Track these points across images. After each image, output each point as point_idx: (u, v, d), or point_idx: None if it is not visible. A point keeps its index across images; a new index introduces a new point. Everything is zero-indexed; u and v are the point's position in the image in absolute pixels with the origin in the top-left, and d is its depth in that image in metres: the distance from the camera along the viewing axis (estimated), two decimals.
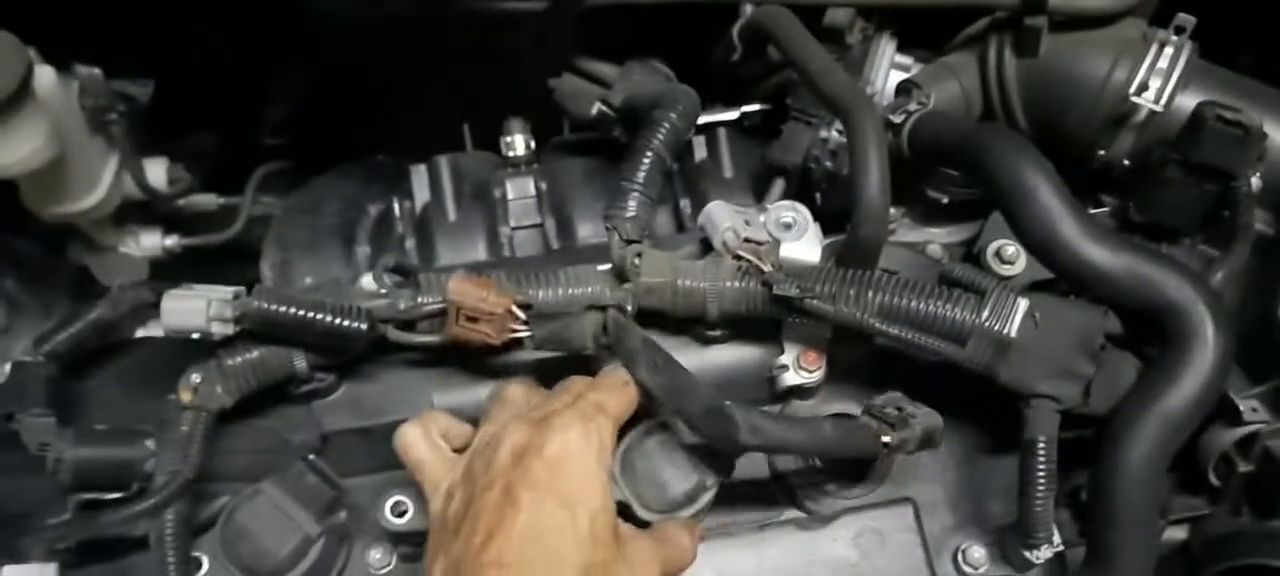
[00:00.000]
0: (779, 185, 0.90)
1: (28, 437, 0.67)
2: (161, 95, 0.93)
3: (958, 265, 0.71)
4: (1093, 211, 0.78)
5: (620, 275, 0.70)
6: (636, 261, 0.70)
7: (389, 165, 1.05)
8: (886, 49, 0.90)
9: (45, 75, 0.80)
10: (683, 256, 0.72)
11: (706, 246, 0.73)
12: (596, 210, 0.95)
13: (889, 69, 0.91)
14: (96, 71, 0.86)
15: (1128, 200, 0.77)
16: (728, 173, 0.96)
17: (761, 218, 0.73)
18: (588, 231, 0.96)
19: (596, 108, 0.93)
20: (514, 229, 0.97)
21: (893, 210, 0.84)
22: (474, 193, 0.98)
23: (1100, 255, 0.64)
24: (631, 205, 0.72)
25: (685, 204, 0.97)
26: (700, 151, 0.98)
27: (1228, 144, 0.68)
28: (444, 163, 0.98)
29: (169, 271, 1.04)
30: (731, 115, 0.97)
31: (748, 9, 0.84)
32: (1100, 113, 0.74)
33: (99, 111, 0.86)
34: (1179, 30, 0.73)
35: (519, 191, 0.98)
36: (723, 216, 0.72)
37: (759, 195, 0.94)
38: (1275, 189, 0.72)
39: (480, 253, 0.94)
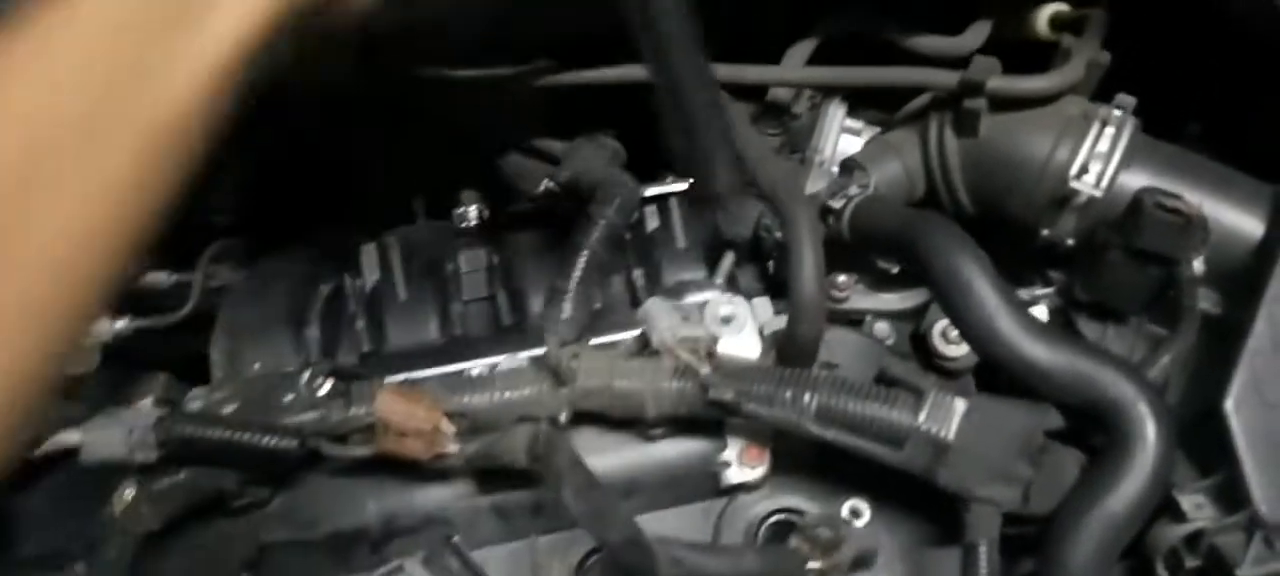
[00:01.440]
0: (729, 258, 0.89)
1: None
2: None
3: (897, 361, 0.70)
4: (1039, 291, 0.76)
5: (557, 378, 0.70)
6: (573, 364, 0.69)
7: (342, 238, 1.03)
8: (836, 114, 0.90)
9: None
10: (621, 355, 0.71)
11: (644, 343, 0.72)
12: (546, 285, 0.94)
13: (839, 135, 0.90)
14: None
15: (1073, 278, 0.76)
16: (681, 243, 0.94)
17: (701, 307, 0.72)
18: (540, 304, 0.95)
19: (544, 185, 0.92)
20: (466, 303, 0.96)
21: (845, 277, 0.83)
22: (425, 268, 0.97)
23: (1039, 352, 0.63)
24: (567, 307, 0.71)
25: (638, 275, 0.96)
26: (652, 221, 0.97)
27: (1169, 231, 0.67)
28: (394, 241, 0.97)
29: (122, 354, 1.02)
30: (682, 184, 0.96)
31: None
32: (1042, 194, 0.73)
33: None
34: (1121, 108, 0.72)
35: (471, 264, 0.97)
36: (660, 314, 0.71)
37: (712, 264, 0.93)
38: (1220, 267, 0.71)
39: (432, 331, 0.93)
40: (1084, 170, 0.71)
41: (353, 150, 1.06)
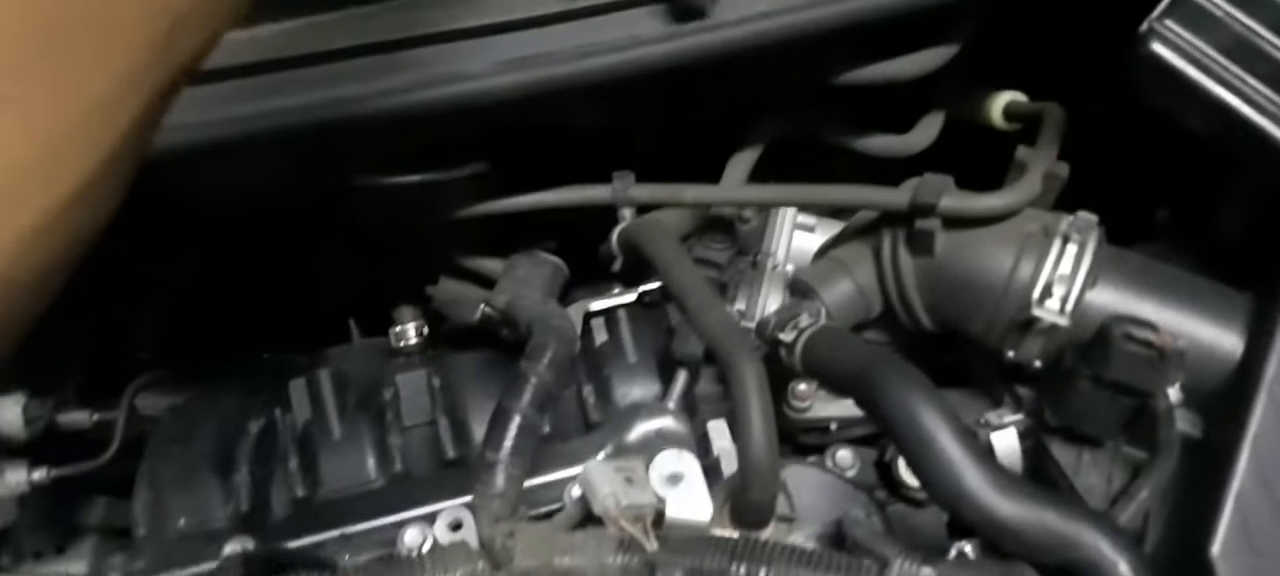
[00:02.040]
0: (682, 378, 0.84)
1: None
2: None
3: (861, 519, 0.65)
4: (1008, 416, 0.72)
5: (492, 559, 0.64)
6: (509, 543, 0.63)
7: (273, 366, 0.97)
8: (786, 214, 0.85)
9: None
10: (562, 526, 0.66)
11: (586, 513, 0.67)
12: (490, 410, 0.89)
13: (791, 235, 0.85)
14: None
15: (1043, 399, 0.71)
16: (631, 358, 0.89)
17: (647, 465, 0.67)
18: (484, 432, 0.89)
19: (480, 312, 0.87)
20: (407, 430, 0.90)
21: (805, 385, 0.78)
22: (360, 399, 0.91)
23: (1008, 510, 0.59)
24: (498, 480, 0.66)
25: (588, 392, 0.90)
26: (601, 335, 0.91)
27: (1141, 364, 0.62)
28: (325, 374, 0.91)
29: (41, 505, 0.96)
30: (629, 297, 0.91)
31: (625, 214, 0.78)
32: (1004, 317, 0.69)
33: None
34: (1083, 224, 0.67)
35: (410, 388, 0.91)
36: (602, 481, 0.65)
37: (665, 377, 0.88)
38: (1198, 387, 0.66)
39: (369, 470, 0.87)
40: (1048, 292, 0.66)
41: (281, 269, 1.01)
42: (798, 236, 0.86)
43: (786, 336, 0.70)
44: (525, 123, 0.72)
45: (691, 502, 0.66)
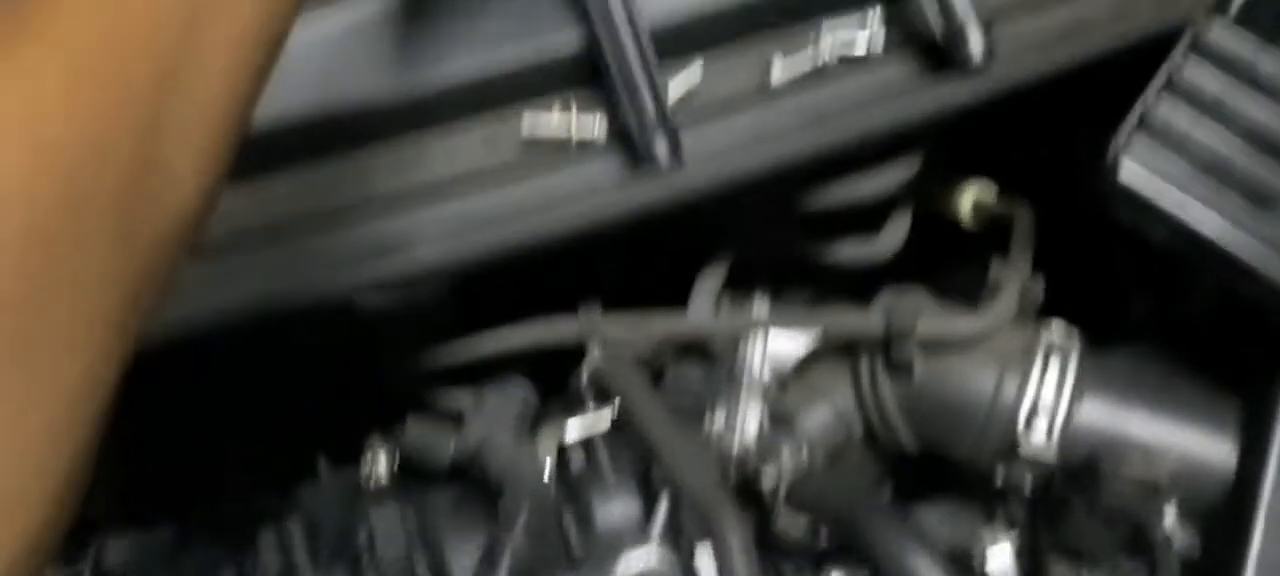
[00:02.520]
0: (665, 503, 0.81)
1: None
2: None
3: None
4: (1002, 537, 0.69)
5: None
6: None
7: (239, 515, 0.94)
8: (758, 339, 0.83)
9: None
10: None
11: None
12: (469, 549, 0.86)
13: (764, 346, 0.83)
14: None
15: (1037, 519, 0.69)
16: (609, 483, 0.87)
17: None
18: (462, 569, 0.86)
19: (449, 456, 0.84)
20: (382, 572, 0.87)
21: None
22: (334, 549, 0.88)
23: None
24: None
25: (568, 521, 0.88)
26: (578, 462, 0.89)
27: (1133, 494, 0.60)
28: (294, 526, 0.87)
29: None
30: (604, 422, 0.88)
31: (594, 351, 0.76)
32: (990, 442, 0.67)
33: None
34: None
35: (385, 529, 0.87)
36: None
37: (646, 499, 0.85)
38: (1195, 503, 0.64)
39: None
40: (1033, 414, 0.64)
41: (243, 404, 0.98)
42: (774, 340, 0.84)
43: (768, 482, 0.68)
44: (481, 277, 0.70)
45: None
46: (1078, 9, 0.68)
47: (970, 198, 0.80)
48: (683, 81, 0.64)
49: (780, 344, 0.83)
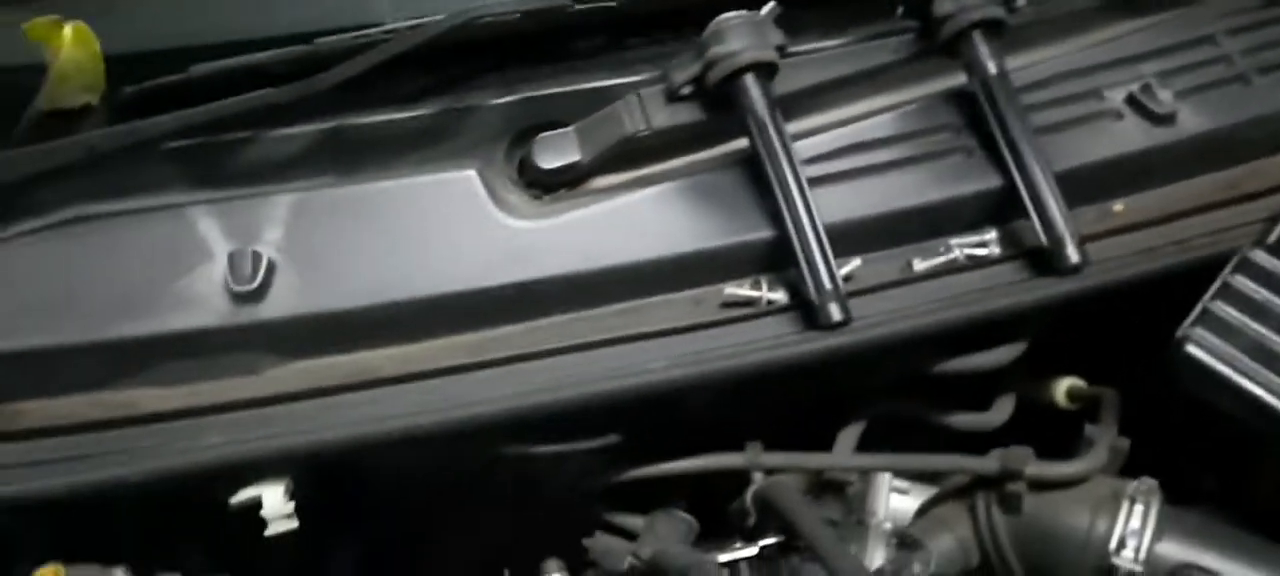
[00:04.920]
0: None
1: None
2: None
3: None
4: None
5: None
6: None
7: None
8: (884, 481, 1.00)
9: None
10: None
11: None
12: None
13: (888, 496, 1.00)
14: None
15: None
16: None
17: None
18: None
19: (627, 563, 1.01)
20: None
21: None
22: None
23: None
24: None
25: None
26: None
27: None
28: None
29: None
30: (751, 550, 1.05)
31: (758, 477, 0.94)
32: (1087, 567, 0.82)
33: None
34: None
35: None
36: None
37: None
38: None
39: None
40: (1122, 544, 0.80)
41: (441, 535, 1.16)
42: (894, 498, 1.01)
43: None
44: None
45: None
46: (1150, 237, 0.89)
47: (1064, 386, 0.98)
48: (847, 269, 0.85)
49: (898, 500, 1.01)
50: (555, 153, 0.88)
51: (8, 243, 0.84)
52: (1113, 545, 0.80)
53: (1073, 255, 0.83)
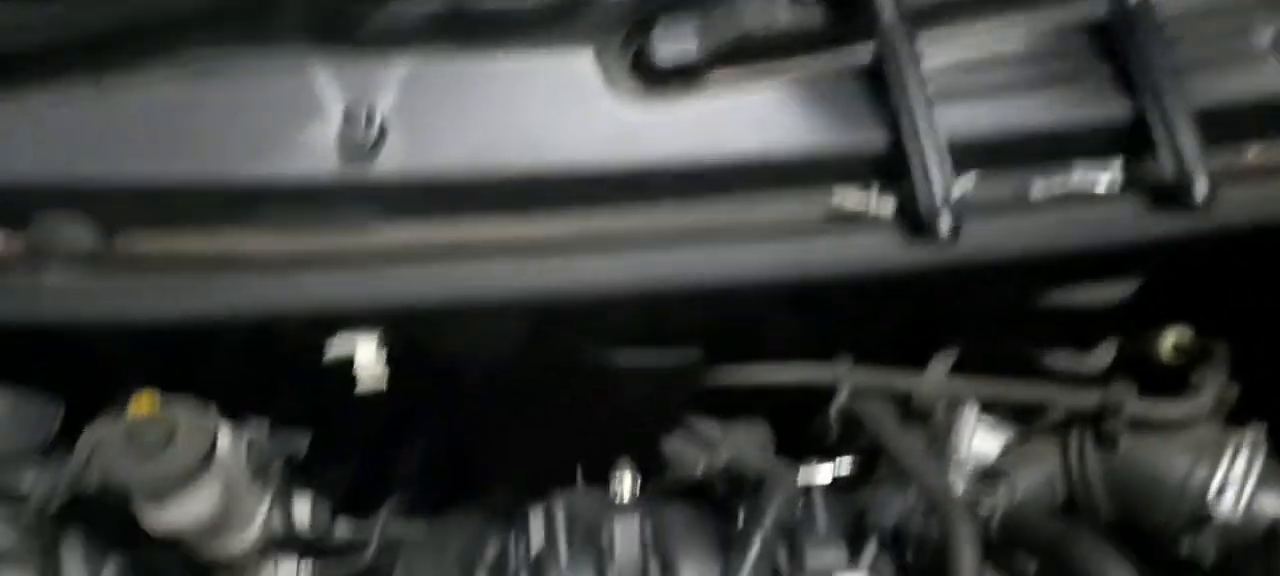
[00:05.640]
0: (873, 546, 0.96)
1: None
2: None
3: None
4: None
5: None
6: None
7: (507, 500, 1.13)
8: (970, 417, 0.98)
9: (223, 437, 0.91)
10: None
11: None
12: (697, 558, 1.02)
13: (974, 435, 0.98)
14: (263, 427, 0.97)
15: None
16: (822, 530, 1.02)
17: None
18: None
19: (701, 469, 1.01)
20: (621, 569, 1.03)
21: None
22: (584, 536, 1.05)
23: None
24: None
25: (781, 558, 1.02)
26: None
27: None
28: (559, 508, 1.06)
29: None
30: (825, 475, 1.04)
31: (844, 392, 0.93)
32: (1181, 513, 0.80)
33: (262, 463, 0.97)
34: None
35: (625, 536, 1.05)
36: None
37: (852, 549, 0.99)
38: None
39: None
40: (1221, 492, 0.78)
41: (522, 416, 1.18)
42: (979, 440, 1.00)
43: (984, 510, 0.83)
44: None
45: None
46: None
47: (1171, 337, 0.95)
48: (960, 184, 0.83)
49: (983, 441, 0.99)
50: (673, 42, 0.87)
51: (138, 83, 0.86)
52: (1212, 492, 0.78)
53: (1201, 192, 0.80)
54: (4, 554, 0.92)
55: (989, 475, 0.87)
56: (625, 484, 1.09)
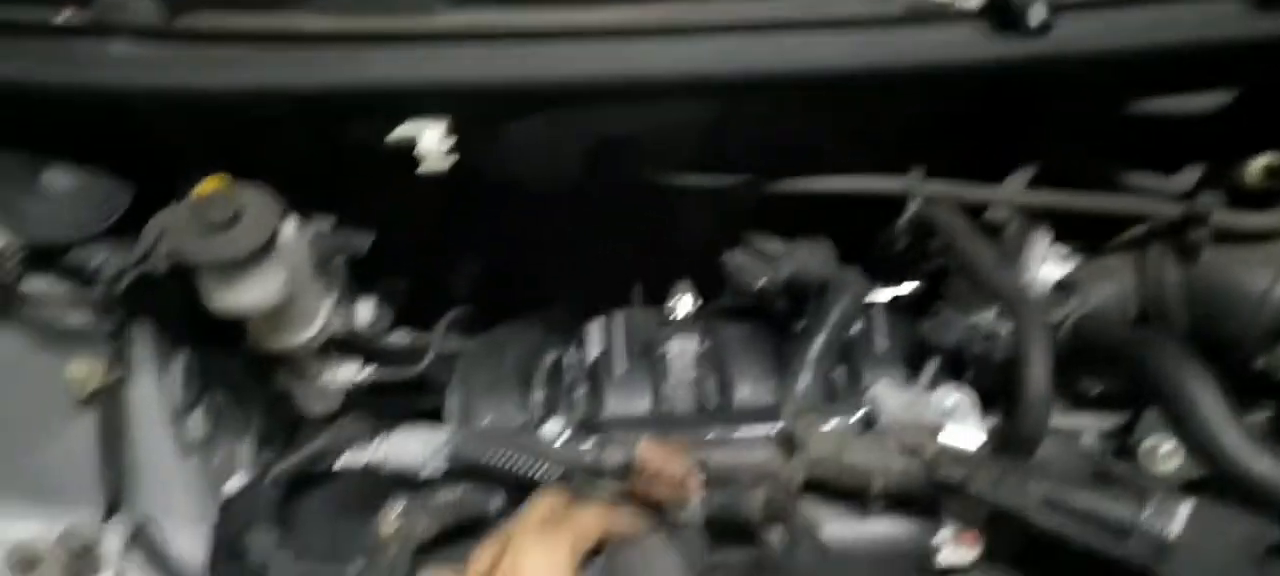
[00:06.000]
0: (934, 364, 0.94)
1: (253, 553, 0.76)
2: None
3: (1118, 463, 0.74)
4: (1250, 418, 0.79)
5: (789, 447, 0.76)
6: (806, 435, 0.75)
7: (564, 316, 1.14)
8: (1042, 240, 0.95)
9: (287, 226, 0.91)
10: (849, 432, 0.77)
11: (869, 422, 0.78)
12: (753, 373, 1.01)
13: (1043, 259, 0.96)
14: (327, 222, 0.97)
15: None
16: (881, 348, 1.00)
17: (927, 398, 0.78)
18: (744, 392, 1.01)
19: (762, 282, 1.00)
20: (675, 386, 1.04)
21: None
22: (641, 349, 1.05)
23: (1264, 467, 0.67)
24: (803, 381, 0.78)
25: (838, 373, 1.02)
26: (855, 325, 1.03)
27: None
28: (619, 319, 1.06)
29: (361, 400, 1.13)
30: (886, 294, 1.03)
31: (914, 202, 0.91)
32: (1259, 327, 0.77)
33: (325, 257, 0.97)
34: None
35: (682, 352, 1.05)
36: (890, 397, 0.77)
37: (910, 370, 0.98)
38: None
39: (644, 405, 1.01)
40: None
41: (580, 236, 1.17)
42: (1047, 265, 0.97)
43: (1057, 316, 0.81)
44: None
45: (965, 432, 0.76)
46: None
47: (1265, 160, 0.91)
48: None
49: (1052, 269, 0.96)
50: None
51: None
52: None
53: None
54: (75, 334, 0.94)
55: (1062, 286, 0.85)
56: (684, 303, 1.09)
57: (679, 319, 1.08)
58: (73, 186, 0.87)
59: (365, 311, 1.08)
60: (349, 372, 1.12)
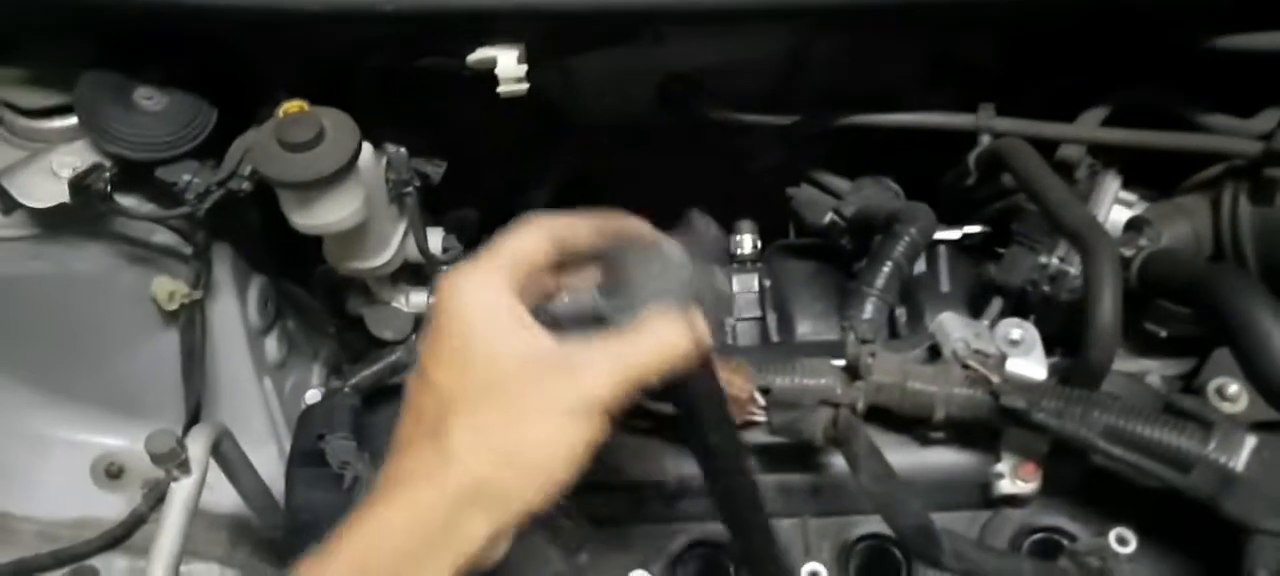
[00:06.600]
0: (998, 303, 0.94)
1: (332, 457, 0.79)
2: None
3: (1184, 397, 0.74)
4: None
5: (853, 372, 0.77)
6: (870, 360, 0.76)
7: None
8: (1112, 184, 0.95)
9: (365, 151, 0.94)
10: (912, 360, 0.78)
11: (933, 353, 0.79)
12: (815, 310, 1.02)
13: (1113, 203, 0.95)
14: (402, 150, 1.00)
15: None
16: (945, 287, 1.01)
17: (991, 331, 0.78)
18: (806, 328, 1.02)
19: (828, 217, 1.01)
20: (738, 320, 1.05)
21: None
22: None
23: None
24: (869, 308, 0.79)
25: (900, 312, 1.02)
26: (919, 265, 1.03)
27: None
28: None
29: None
30: (953, 234, 1.03)
31: (985, 139, 0.91)
32: None
33: (400, 184, 1.00)
34: None
35: (744, 286, 1.06)
36: (954, 327, 0.77)
37: (973, 311, 0.98)
38: None
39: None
40: None
41: (647, 171, 1.19)
42: (1117, 209, 0.96)
43: (1127, 252, 0.80)
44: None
45: (1029, 363, 0.76)
46: None
47: None
48: None
49: (1121, 213, 0.95)
50: None
51: None
52: None
53: None
54: (161, 252, 0.98)
55: (1133, 224, 0.85)
56: (746, 240, 1.10)
57: (741, 255, 1.09)
58: (161, 106, 0.90)
59: (437, 240, 1.10)
60: (419, 299, 1.15)
